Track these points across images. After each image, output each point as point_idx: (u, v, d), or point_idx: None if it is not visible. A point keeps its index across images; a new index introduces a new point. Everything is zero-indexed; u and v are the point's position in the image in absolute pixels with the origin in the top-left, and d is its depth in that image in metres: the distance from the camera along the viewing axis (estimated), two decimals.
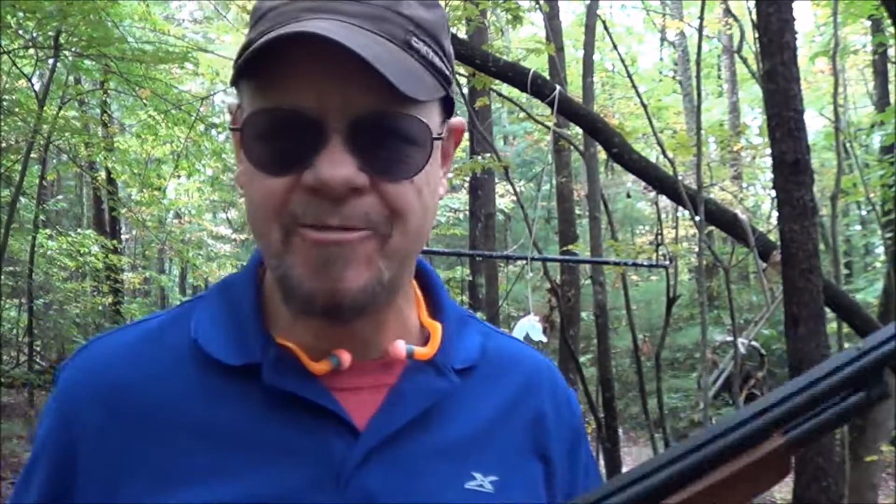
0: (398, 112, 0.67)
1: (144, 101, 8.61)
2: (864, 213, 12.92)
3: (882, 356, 0.64)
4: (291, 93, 0.66)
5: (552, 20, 7.16)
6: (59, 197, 14.65)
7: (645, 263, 5.20)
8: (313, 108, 0.66)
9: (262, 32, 0.68)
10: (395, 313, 0.78)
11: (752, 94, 14.54)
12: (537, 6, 6.12)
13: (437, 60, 0.71)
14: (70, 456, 0.73)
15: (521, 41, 11.93)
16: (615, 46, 6.63)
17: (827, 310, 3.49)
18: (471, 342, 0.82)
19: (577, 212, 9.09)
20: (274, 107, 0.67)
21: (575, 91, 8.00)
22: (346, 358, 0.74)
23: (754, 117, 16.41)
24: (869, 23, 7.96)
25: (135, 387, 0.74)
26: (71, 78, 9.91)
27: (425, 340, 0.80)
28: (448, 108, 0.76)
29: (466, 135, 10.41)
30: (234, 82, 0.71)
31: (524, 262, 4.54)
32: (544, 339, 4.05)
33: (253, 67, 0.66)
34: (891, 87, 9.04)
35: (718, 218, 3.90)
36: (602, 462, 5.55)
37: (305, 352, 0.73)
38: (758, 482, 0.64)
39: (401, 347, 0.75)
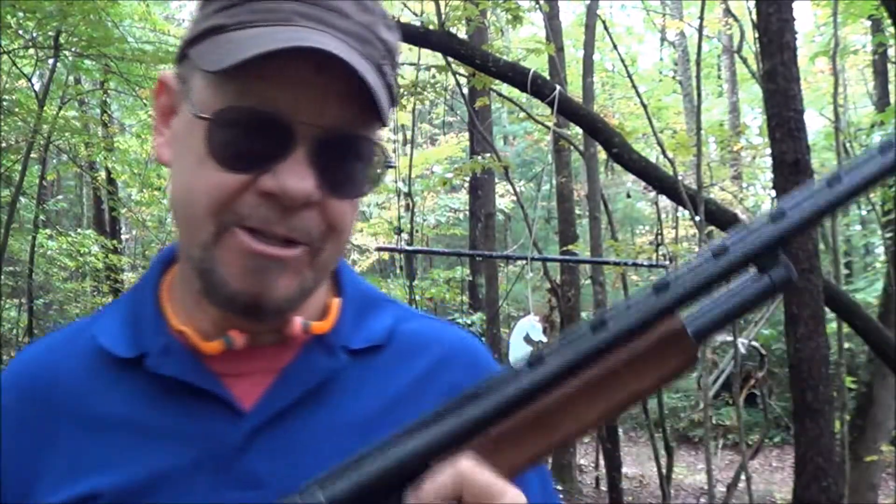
0: (361, 134, 0.69)
1: (144, 101, 8.61)
2: (864, 213, 12.92)
3: (772, 236, 0.62)
4: (268, 95, 0.66)
5: (552, 20, 7.16)
6: (59, 197, 14.65)
7: (645, 263, 5.20)
8: (285, 115, 0.66)
9: (243, 23, 0.67)
10: None
11: (752, 94, 14.53)
12: (537, 6, 6.13)
13: (392, 84, 0.73)
14: None
15: (521, 41, 11.92)
16: (615, 46, 6.64)
17: (827, 310, 3.49)
18: (376, 323, 0.81)
19: (577, 212, 9.09)
20: (248, 104, 0.67)
21: (575, 91, 8.00)
22: (238, 339, 0.74)
23: (754, 117, 16.41)
24: (869, 23, 7.97)
25: (45, 385, 0.76)
26: (71, 78, 9.91)
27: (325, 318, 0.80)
28: None
29: (466, 135, 10.44)
30: (180, 59, 0.71)
31: (524, 262, 4.54)
32: (544, 339, 4.06)
33: (238, 64, 0.65)
34: (891, 87, 9.05)
35: (718, 218, 3.90)
36: (602, 462, 5.56)
37: (200, 335, 0.74)
38: (659, 366, 0.61)
39: (297, 322, 0.75)
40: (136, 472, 0.70)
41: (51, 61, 8.11)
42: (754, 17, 3.40)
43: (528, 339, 3.69)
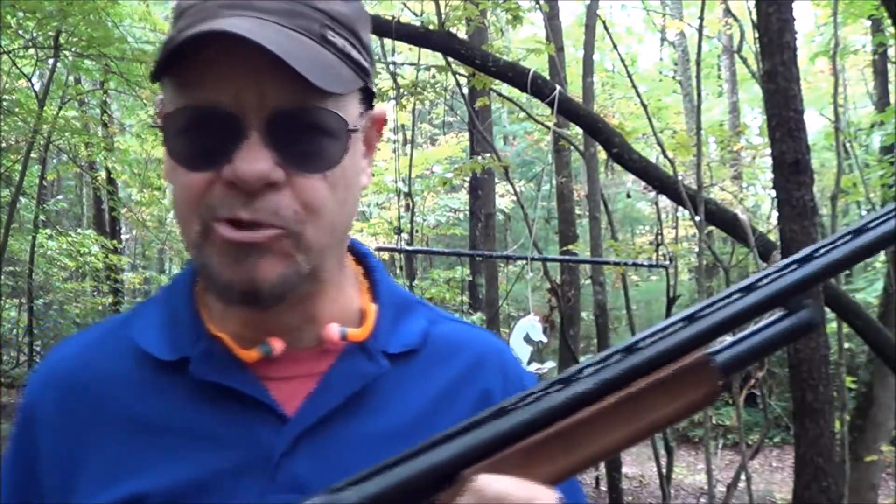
0: (314, 106, 0.68)
1: (144, 101, 8.61)
2: (864, 213, 12.92)
3: (800, 278, 0.64)
4: (209, 90, 0.67)
5: (552, 20, 7.16)
6: (59, 197, 14.66)
7: (645, 263, 5.20)
8: (230, 105, 0.67)
9: (181, 29, 0.68)
10: (330, 301, 0.78)
11: (752, 94, 14.53)
12: (537, 6, 6.13)
13: (354, 53, 0.72)
14: (34, 451, 0.76)
15: (521, 41, 11.92)
16: (615, 46, 6.63)
17: (827, 310, 3.49)
18: (411, 327, 0.82)
19: (577, 212, 9.09)
20: (193, 104, 0.68)
21: (575, 91, 8.00)
22: (277, 345, 0.75)
23: (754, 117, 16.41)
24: (869, 23, 7.97)
25: (85, 385, 0.77)
26: (71, 78, 9.91)
27: (363, 325, 0.80)
28: (368, 98, 0.76)
29: (466, 135, 10.43)
30: (156, 78, 0.71)
31: (524, 262, 4.54)
32: (544, 339, 4.06)
33: (172, 65, 0.67)
34: (891, 87, 9.04)
35: (718, 218, 3.90)
36: (602, 462, 5.56)
37: (237, 341, 0.75)
38: (680, 399, 0.63)
39: (334, 330, 0.76)
40: (182, 474, 0.71)
41: (51, 61, 8.12)
42: (754, 17, 3.40)
43: (528, 339, 3.69)
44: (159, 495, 0.70)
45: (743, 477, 3.81)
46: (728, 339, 0.65)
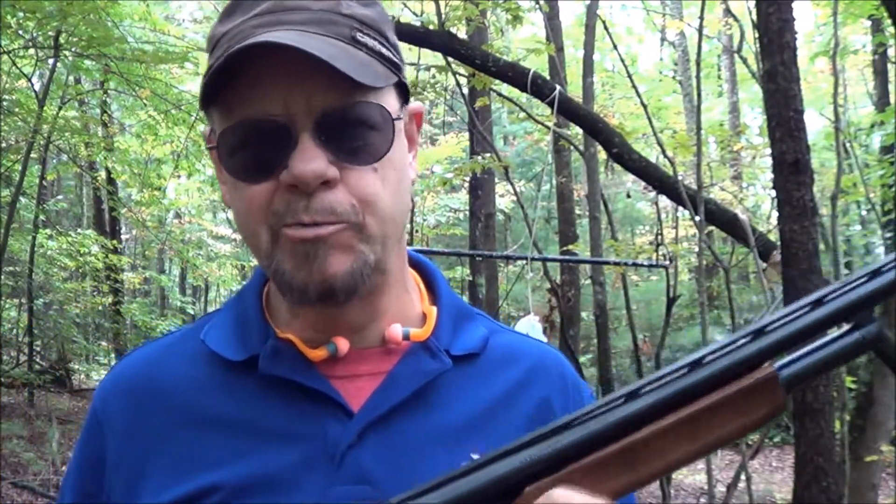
0: (357, 101, 0.72)
1: (144, 101, 8.61)
2: (864, 213, 12.92)
3: (868, 293, 0.62)
4: (257, 103, 0.71)
5: (552, 20, 7.17)
6: (59, 197, 14.66)
7: (645, 263, 5.20)
8: (280, 114, 0.71)
9: (219, 56, 0.72)
10: (393, 301, 0.82)
11: (752, 94, 14.54)
12: (537, 6, 6.13)
13: (384, 50, 0.76)
14: (101, 454, 0.80)
15: (521, 41, 11.92)
16: (615, 46, 6.63)
17: None
18: (472, 333, 0.85)
19: (577, 212, 9.10)
20: (243, 119, 0.72)
21: (575, 91, 8.00)
22: (343, 345, 0.78)
23: (754, 117, 16.41)
24: (869, 23, 7.97)
25: (154, 388, 0.81)
26: (71, 78, 9.91)
27: (424, 326, 0.83)
28: (404, 93, 0.80)
29: (466, 135, 10.43)
30: (204, 107, 0.75)
31: (524, 262, 4.54)
32: (544, 340, 4.05)
33: (217, 88, 0.71)
34: (891, 87, 9.05)
35: (718, 218, 3.90)
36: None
37: (304, 342, 0.78)
38: (744, 415, 0.62)
39: (397, 330, 0.80)
40: (251, 468, 0.74)
41: (51, 61, 8.12)
42: (754, 17, 3.40)
43: None
44: (230, 488, 0.73)
45: (743, 477, 3.81)
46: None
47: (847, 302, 0.62)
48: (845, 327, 0.64)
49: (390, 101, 0.76)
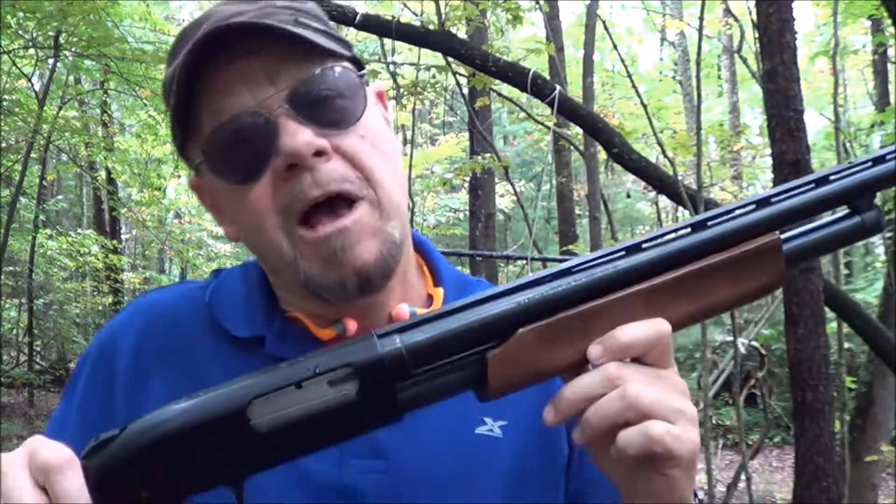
0: (321, 69, 0.74)
1: (144, 101, 8.60)
2: None
3: (872, 176, 0.63)
4: (227, 106, 0.72)
5: (552, 20, 7.16)
6: (59, 197, 14.65)
7: None
8: (253, 105, 0.72)
9: (177, 89, 0.75)
10: (400, 281, 0.82)
11: (752, 94, 14.53)
12: (537, 6, 6.13)
13: (329, 31, 0.78)
14: (109, 385, 0.81)
15: (521, 41, 11.91)
16: (615, 46, 6.63)
17: (827, 310, 3.49)
18: None
19: (577, 212, 9.09)
20: (219, 123, 0.73)
21: (575, 91, 8.00)
22: (351, 325, 0.79)
23: (754, 117, 16.41)
24: (869, 23, 7.97)
25: (166, 330, 0.83)
26: (71, 78, 9.90)
27: (430, 306, 0.84)
28: (362, 75, 0.81)
29: (466, 135, 10.43)
30: (181, 149, 0.78)
31: (524, 262, 4.54)
32: None
33: (186, 120, 0.73)
34: (891, 87, 9.05)
35: None
36: None
37: (312, 321, 0.79)
38: (744, 282, 0.62)
39: (404, 309, 0.80)
40: None
41: (51, 61, 8.11)
42: (754, 17, 3.40)
43: None
44: None
45: (743, 477, 3.82)
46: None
47: (850, 183, 0.63)
48: (846, 211, 0.65)
49: (351, 71, 0.78)
